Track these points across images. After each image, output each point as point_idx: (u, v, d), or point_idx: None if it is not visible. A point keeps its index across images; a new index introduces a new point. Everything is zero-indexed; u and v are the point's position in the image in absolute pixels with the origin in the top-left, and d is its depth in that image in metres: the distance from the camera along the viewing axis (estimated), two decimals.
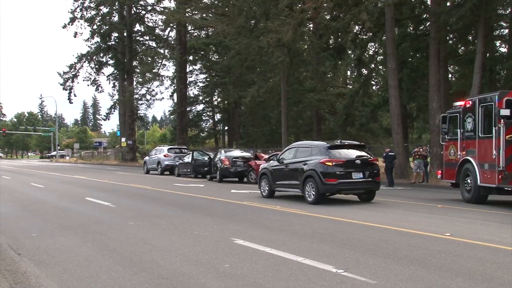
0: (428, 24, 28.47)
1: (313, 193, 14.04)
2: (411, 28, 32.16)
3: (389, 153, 22.66)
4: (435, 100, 25.60)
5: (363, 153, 14.69)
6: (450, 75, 34.06)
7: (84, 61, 57.64)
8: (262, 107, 51.13)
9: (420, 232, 9.22)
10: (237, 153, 26.68)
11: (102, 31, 55.59)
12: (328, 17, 32.65)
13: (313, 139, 35.57)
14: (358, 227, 9.96)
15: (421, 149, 24.05)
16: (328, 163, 13.87)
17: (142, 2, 56.48)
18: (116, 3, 53.71)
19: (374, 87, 44.92)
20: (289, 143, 32.57)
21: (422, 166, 23.53)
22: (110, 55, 57.74)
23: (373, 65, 37.60)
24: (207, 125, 68.15)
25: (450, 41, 29.18)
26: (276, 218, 11.32)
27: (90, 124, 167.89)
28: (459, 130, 15.14)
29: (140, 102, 57.46)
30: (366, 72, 38.24)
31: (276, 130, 49.24)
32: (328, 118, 47.49)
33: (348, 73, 52.76)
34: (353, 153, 14.52)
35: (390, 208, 13.24)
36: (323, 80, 42.95)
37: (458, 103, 15.69)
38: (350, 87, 47.79)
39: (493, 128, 13.43)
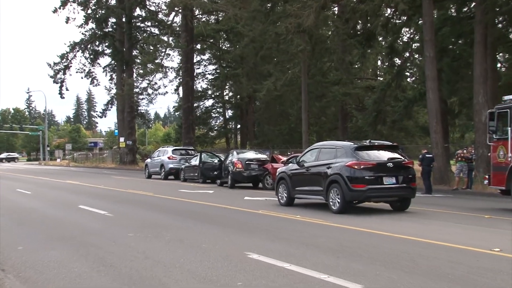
0: (473, 5, 28.22)
1: (338, 200, 14.09)
2: (453, 10, 31.92)
3: (427, 155, 22.52)
4: (481, 93, 25.35)
5: (396, 155, 14.71)
6: (498, 65, 33.68)
7: (78, 50, 58.16)
8: (279, 102, 51.18)
9: (463, 246, 9.19)
10: (251, 154, 26.94)
11: (97, 16, 56.02)
12: None
13: (338, 139, 35.45)
14: (390, 240, 9.94)
15: (464, 151, 23.92)
16: (355, 166, 13.92)
17: None
18: None
19: (408, 79, 44.64)
20: (311, 143, 32.51)
21: (465, 170, 23.39)
22: (106, 44, 58.19)
23: (407, 54, 37.39)
24: (217, 123, 68.40)
25: (499, 25, 28.86)
26: (296, 229, 11.37)
27: (84, 122, 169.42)
28: (509, 128, 15.06)
29: (140, 96, 57.73)
30: (400, 61, 38.04)
31: (295, 128, 49.31)
32: (355, 114, 47.36)
33: (379, 63, 52.57)
34: (384, 155, 14.56)
35: (428, 219, 13.21)
36: (350, 71, 42.84)
37: (508, 97, 15.57)
38: (381, 79, 47.53)
39: None
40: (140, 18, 58.15)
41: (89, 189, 24.62)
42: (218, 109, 66.58)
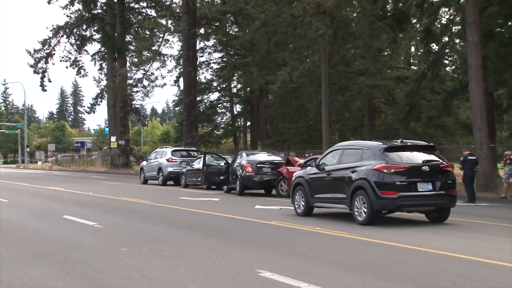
0: None
1: (365, 210, 14.12)
2: None
3: (469, 157, 22.41)
4: None
5: (433, 157, 14.68)
6: None
7: (62, 36, 58.49)
8: (296, 96, 51.26)
9: None
10: (263, 156, 27.21)
11: None
12: None
13: (364, 138, 35.72)
14: (426, 257, 9.92)
15: None
16: (384, 170, 13.95)
17: None
18: None
19: (448, 68, 44.43)
20: (333, 143, 32.15)
21: None
22: (95, 28, 58.42)
23: (446, 38, 37.21)
24: (223, 120, 68.62)
25: None
26: (316, 244, 11.40)
27: (70, 119, 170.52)
28: None
29: (135, 89, 57.81)
30: (437, 47, 37.87)
31: (314, 126, 49.45)
32: (384, 110, 47.13)
33: (412, 49, 52.41)
34: (418, 157, 14.56)
35: (471, 232, 13.16)
36: (378, 59, 42.73)
37: None
38: (415, 68, 47.37)
39: None
40: None
41: (76, 197, 24.76)
42: (224, 104, 66.85)
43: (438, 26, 36.62)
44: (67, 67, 60.60)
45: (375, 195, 13.83)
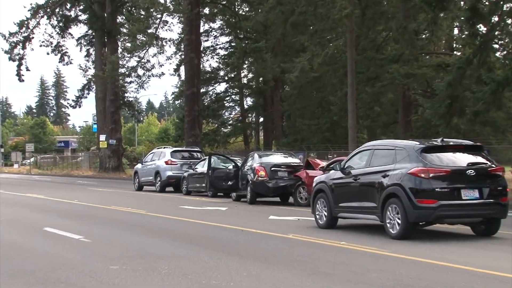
0: None
1: (398, 221, 14.06)
2: None
3: None
4: None
5: (480, 159, 14.61)
6: None
7: (42, 16, 58.62)
8: (317, 87, 51.31)
9: None
10: (278, 158, 27.42)
11: None
12: None
13: (397, 137, 35.37)
14: (473, 277, 9.87)
15: None
16: (422, 175, 13.88)
17: None
18: None
19: (497, 54, 44.17)
20: (360, 143, 32.24)
21: None
22: (81, 7, 58.54)
23: (496, 18, 36.96)
24: (231, 116, 68.55)
25: None
26: (340, 261, 11.42)
27: (51, 114, 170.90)
28: None
29: (128, 79, 58.05)
30: (485, 29, 37.61)
31: (339, 122, 49.32)
32: (421, 103, 46.87)
33: (455, 31, 52.14)
34: (462, 159, 14.51)
35: None
36: (414, 43, 42.49)
37: None
38: (458, 54, 47.15)
39: None
40: None
41: (59, 206, 24.84)
42: (233, 97, 66.87)
43: (486, 3, 36.38)
44: (48, 53, 60.82)
45: (411, 204, 13.76)
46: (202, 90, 57.60)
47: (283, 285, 9.17)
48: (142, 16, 53.91)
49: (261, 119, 66.55)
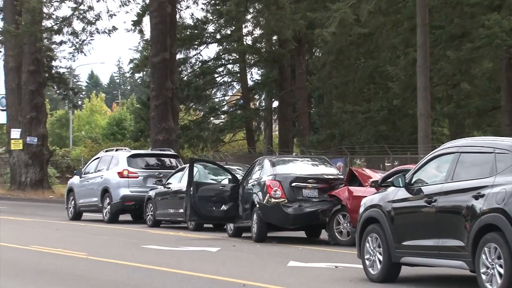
0: None
1: (500, 270, 11.33)
2: None
3: None
4: None
5: None
6: None
7: None
8: (365, 51, 43.00)
9: None
10: (303, 167, 22.56)
11: None
12: None
13: (498, 133, 30.44)
14: None
15: None
16: None
17: None
18: None
19: None
20: (438, 142, 30.70)
21: None
22: None
23: None
24: (226, 98, 58.55)
25: None
26: None
27: None
28: None
29: (57, 38, 47.85)
30: None
31: (402, 109, 41.00)
32: None
33: None
34: None
35: None
36: None
37: None
38: None
39: None
40: None
41: None
42: (229, 67, 55.50)
43: None
44: None
45: None
46: (179, 57, 48.40)
47: None
48: None
49: (275, 104, 56.26)
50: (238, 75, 55.35)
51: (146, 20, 44.77)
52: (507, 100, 34.46)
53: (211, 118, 55.60)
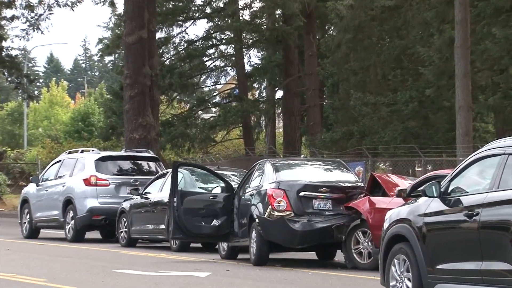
0: None
1: None
2: None
3: None
4: None
5: None
6: None
7: None
8: (391, 28, 39.19)
9: None
10: (313, 172, 20.91)
11: None
12: None
13: None
14: None
15: None
16: None
17: None
18: None
19: None
20: (481, 141, 29.59)
21: None
22: None
23: None
24: (218, 87, 54.91)
25: None
26: None
27: None
28: None
29: (7, 12, 44.14)
30: None
31: (435, 101, 37.59)
32: None
33: None
34: None
35: None
36: None
37: None
38: None
39: None
40: None
41: None
42: (222, 48, 50.77)
43: None
44: None
45: None
46: (159, 36, 44.00)
47: None
48: None
49: (279, 94, 52.11)
50: (233, 58, 50.55)
51: None
52: None
53: (200, 112, 51.44)
